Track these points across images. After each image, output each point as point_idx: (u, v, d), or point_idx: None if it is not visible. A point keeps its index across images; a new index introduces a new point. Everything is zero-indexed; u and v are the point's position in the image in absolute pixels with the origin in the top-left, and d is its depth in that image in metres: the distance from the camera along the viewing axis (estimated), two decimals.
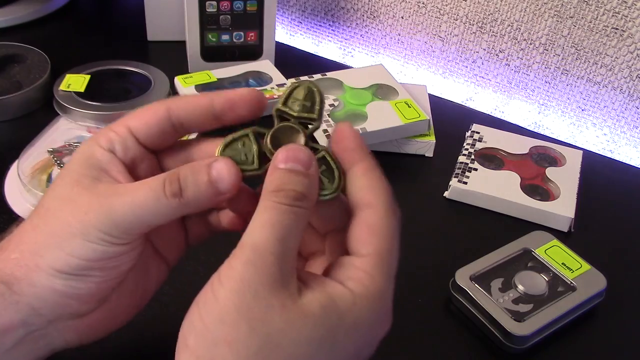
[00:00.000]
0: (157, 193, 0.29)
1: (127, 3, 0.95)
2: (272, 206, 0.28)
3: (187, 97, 0.32)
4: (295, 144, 0.31)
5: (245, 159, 0.31)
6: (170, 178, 0.29)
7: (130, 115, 0.32)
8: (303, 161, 0.29)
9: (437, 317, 0.49)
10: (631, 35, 0.66)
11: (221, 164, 0.30)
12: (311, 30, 0.91)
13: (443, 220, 0.58)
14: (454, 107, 0.76)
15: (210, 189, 0.29)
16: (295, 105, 0.32)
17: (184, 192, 0.29)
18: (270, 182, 0.29)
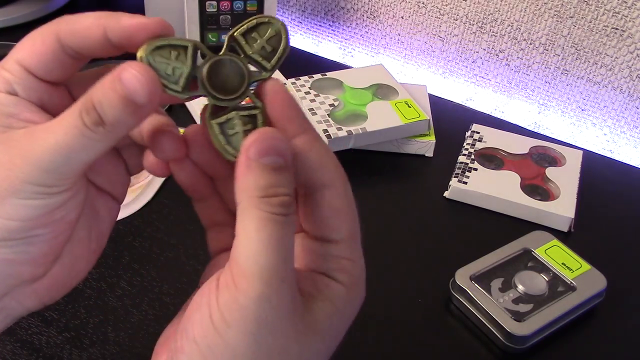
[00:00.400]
0: (79, 127, 0.25)
1: (127, 3, 0.95)
2: (268, 218, 0.24)
3: (76, 21, 0.27)
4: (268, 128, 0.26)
5: (171, 73, 0.26)
6: (85, 106, 0.25)
7: (19, 48, 0.28)
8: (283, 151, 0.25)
9: (437, 317, 0.49)
10: (631, 35, 0.66)
11: (129, 72, 0.25)
12: (311, 30, 0.91)
13: (443, 220, 0.58)
14: (454, 107, 0.76)
15: (129, 106, 0.25)
16: (254, 43, 0.28)
17: (104, 118, 0.25)
18: (254, 182, 0.25)
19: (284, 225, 0.24)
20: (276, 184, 0.25)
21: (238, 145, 0.27)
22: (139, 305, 0.47)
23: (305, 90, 0.68)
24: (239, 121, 0.27)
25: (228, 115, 0.27)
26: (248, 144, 0.25)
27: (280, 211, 0.24)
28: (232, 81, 0.27)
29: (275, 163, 0.25)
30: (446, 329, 0.48)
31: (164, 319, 0.46)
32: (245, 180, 0.25)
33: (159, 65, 0.26)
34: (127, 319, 0.46)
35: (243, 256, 0.24)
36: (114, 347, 0.44)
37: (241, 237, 0.24)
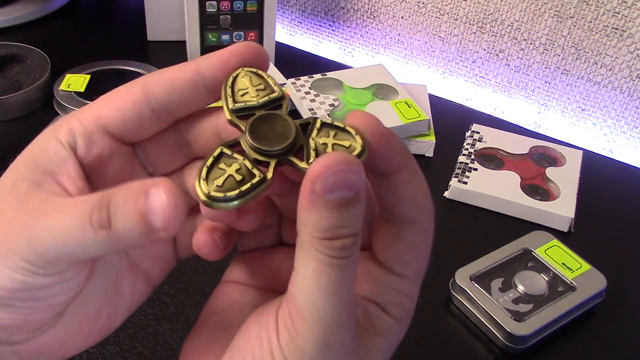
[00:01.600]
0: (83, 221, 0.22)
1: (127, 3, 0.95)
2: (328, 263, 0.22)
3: (167, 71, 0.25)
4: (339, 153, 0.22)
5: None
6: (100, 203, 0.22)
7: (100, 101, 0.25)
8: (354, 184, 0.22)
9: (437, 317, 0.49)
10: (631, 35, 0.66)
11: (158, 190, 0.22)
12: (311, 30, 0.91)
13: (443, 220, 0.58)
14: (454, 107, 0.76)
15: (142, 225, 0.22)
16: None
17: (112, 225, 0.22)
18: (317, 221, 0.22)
19: (344, 269, 0.22)
20: (341, 225, 0.22)
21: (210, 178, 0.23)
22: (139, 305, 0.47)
23: (305, 90, 0.68)
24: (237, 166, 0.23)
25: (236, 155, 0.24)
26: (314, 174, 0.21)
27: (341, 254, 0.22)
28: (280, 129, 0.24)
29: (343, 198, 0.22)
30: (446, 329, 0.48)
31: (164, 319, 0.46)
32: (307, 217, 0.22)
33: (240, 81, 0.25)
34: (127, 319, 0.46)
35: (302, 299, 0.22)
36: (114, 347, 0.44)
37: (300, 277, 0.22)
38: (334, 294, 0.22)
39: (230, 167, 0.23)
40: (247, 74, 0.25)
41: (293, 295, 0.23)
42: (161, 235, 0.22)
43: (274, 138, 0.24)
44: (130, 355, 0.44)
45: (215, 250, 0.27)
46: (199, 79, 0.25)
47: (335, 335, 0.22)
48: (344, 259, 0.22)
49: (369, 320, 0.25)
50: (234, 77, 0.25)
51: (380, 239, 0.26)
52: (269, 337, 0.23)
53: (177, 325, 0.46)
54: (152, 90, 0.25)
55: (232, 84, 0.25)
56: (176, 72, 0.25)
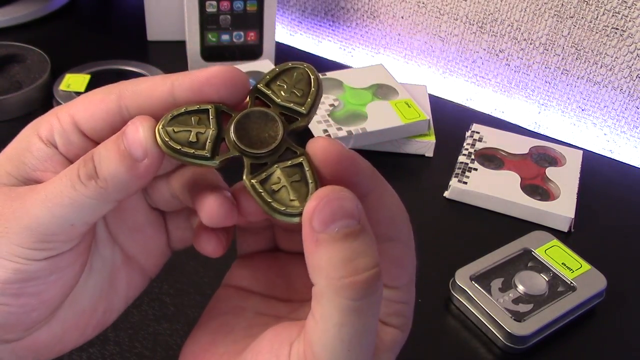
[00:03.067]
0: (72, 179, 0.22)
1: (127, 3, 0.95)
2: (352, 310, 0.20)
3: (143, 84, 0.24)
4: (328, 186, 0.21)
5: (195, 140, 0.23)
6: (84, 159, 0.23)
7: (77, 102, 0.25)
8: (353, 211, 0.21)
9: (437, 317, 0.49)
10: (631, 35, 0.66)
11: (133, 125, 0.22)
12: (311, 30, 0.91)
13: (443, 220, 0.58)
14: (454, 107, 0.76)
15: (125, 160, 0.22)
16: (281, 91, 0.24)
17: (98, 172, 0.22)
18: (328, 260, 0.20)
19: (368, 313, 0.21)
20: (354, 256, 0.20)
21: (287, 201, 0.22)
22: (139, 305, 0.47)
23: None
24: (283, 173, 0.23)
25: (269, 171, 0.23)
26: (309, 213, 0.21)
27: (365, 294, 0.20)
28: (265, 133, 0.23)
29: (348, 228, 0.20)
30: (446, 329, 0.48)
31: (164, 319, 0.46)
32: (317, 259, 0.21)
33: (178, 135, 0.23)
34: (127, 319, 0.46)
35: (320, 348, 0.21)
36: (114, 347, 0.44)
37: (320, 327, 0.21)
38: (358, 345, 0.21)
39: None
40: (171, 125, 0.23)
41: (312, 342, 0.21)
42: (145, 164, 0.22)
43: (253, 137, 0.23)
44: (130, 356, 0.44)
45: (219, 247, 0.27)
46: (171, 100, 0.24)
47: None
48: (368, 298, 0.20)
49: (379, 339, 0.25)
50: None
51: None
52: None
53: (177, 325, 0.46)
54: (126, 102, 0.24)
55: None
56: (151, 88, 0.24)
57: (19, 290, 0.23)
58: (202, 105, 0.23)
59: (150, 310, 0.47)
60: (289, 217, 0.22)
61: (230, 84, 0.24)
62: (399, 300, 0.25)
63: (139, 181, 0.23)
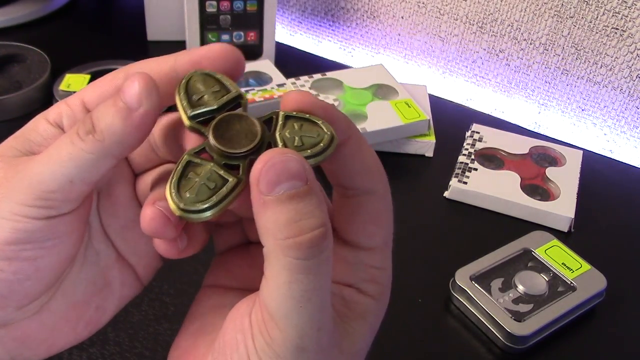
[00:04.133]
0: (72, 137, 0.23)
1: (127, 3, 0.95)
2: (299, 268, 0.21)
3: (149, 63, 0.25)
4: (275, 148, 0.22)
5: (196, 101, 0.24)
6: (84, 118, 0.24)
7: (88, 86, 0.26)
8: (300, 171, 0.21)
9: (437, 317, 0.49)
10: (631, 35, 0.66)
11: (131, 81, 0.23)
12: (311, 30, 0.91)
13: (443, 220, 0.58)
14: (454, 107, 0.76)
15: (121, 112, 0.23)
16: (289, 130, 0.23)
17: (95, 126, 0.23)
18: (274, 220, 0.21)
19: (317, 273, 0.21)
20: (299, 217, 0.21)
21: (182, 190, 0.22)
22: (139, 305, 0.47)
23: (305, 90, 0.68)
24: (207, 173, 0.23)
25: (204, 161, 0.23)
26: (256, 175, 0.21)
27: (311, 254, 0.21)
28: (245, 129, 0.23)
29: (294, 188, 0.21)
30: (446, 329, 0.48)
31: (164, 319, 0.46)
32: (264, 220, 0.21)
33: (192, 88, 0.24)
34: (127, 319, 0.46)
35: (274, 308, 0.21)
36: (114, 347, 0.44)
37: (271, 286, 0.21)
38: (308, 301, 0.21)
39: (201, 175, 0.23)
40: (200, 77, 0.24)
41: (265, 303, 0.22)
42: (140, 113, 0.23)
43: (240, 139, 0.23)
44: (130, 356, 0.44)
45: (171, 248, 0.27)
46: (174, 75, 0.25)
47: (311, 338, 0.22)
48: (315, 258, 0.21)
49: (347, 307, 0.25)
50: (187, 82, 0.24)
51: (340, 216, 0.26)
52: (245, 341, 0.23)
53: (177, 325, 0.46)
54: None
55: (186, 89, 0.24)
56: (156, 64, 0.25)
57: (14, 254, 0.23)
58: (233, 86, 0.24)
59: (150, 310, 0.47)
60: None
61: (224, 58, 0.25)
62: (374, 264, 0.25)
63: (135, 133, 0.23)
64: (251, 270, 0.29)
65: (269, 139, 0.23)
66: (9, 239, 0.23)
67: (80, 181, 0.23)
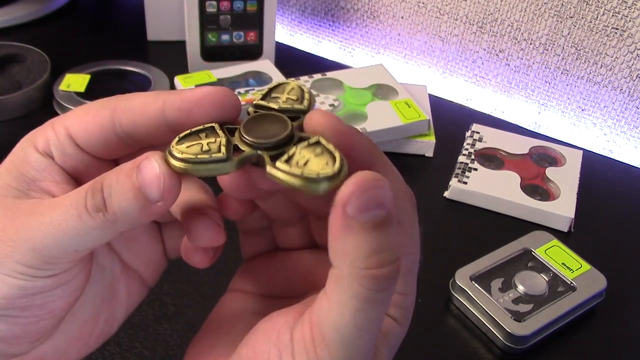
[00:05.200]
0: (79, 210, 0.22)
1: (127, 3, 0.95)
2: (370, 299, 0.20)
3: (135, 100, 0.24)
4: (366, 172, 0.21)
5: (209, 149, 0.22)
6: (92, 188, 0.22)
7: (71, 114, 0.25)
8: (386, 201, 0.20)
9: (437, 317, 0.49)
10: (631, 35, 0.66)
11: (149, 162, 0.22)
12: (311, 30, 0.91)
13: (443, 220, 0.58)
14: (454, 107, 0.76)
15: (139, 199, 0.22)
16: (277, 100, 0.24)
17: (108, 206, 0.22)
18: (356, 248, 0.20)
19: (382, 305, 0.21)
20: (381, 248, 0.20)
21: (317, 168, 0.21)
22: (139, 306, 0.47)
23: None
24: (305, 150, 0.22)
25: (289, 152, 0.22)
26: (345, 196, 0.20)
27: (384, 287, 0.20)
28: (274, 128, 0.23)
29: (379, 218, 0.20)
30: (446, 329, 0.48)
31: (164, 319, 0.46)
32: (344, 244, 0.20)
33: (190, 149, 0.22)
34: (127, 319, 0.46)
35: (331, 329, 0.21)
36: (114, 347, 0.44)
37: (334, 309, 0.21)
38: (369, 332, 0.21)
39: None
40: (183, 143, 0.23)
41: (321, 322, 0.21)
42: (159, 206, 0.22)
43: (263, 133, 0.23)
44: (130, 356, 0.44)
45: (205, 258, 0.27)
46: (163, 119, 0.24)
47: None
48: (385, 291, 0.21)
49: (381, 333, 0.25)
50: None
51: None
52: (280, 356, 0.22)
53: (177, 325, 0.46)
54: (120, 118, 0.24)
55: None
56: (144, 104, 0.24)
57: (25, 304, 0.23)
58: (206, 124, 0.23)
59: (150, 310, 0.47)
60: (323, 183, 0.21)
61: (220, 105, 0.24)
62: (398, 290, 0.25)
63: (148, 219, 0.23)
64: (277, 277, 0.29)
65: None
66: (17, 295, 0.23)
67: (84, 249, 0.23)
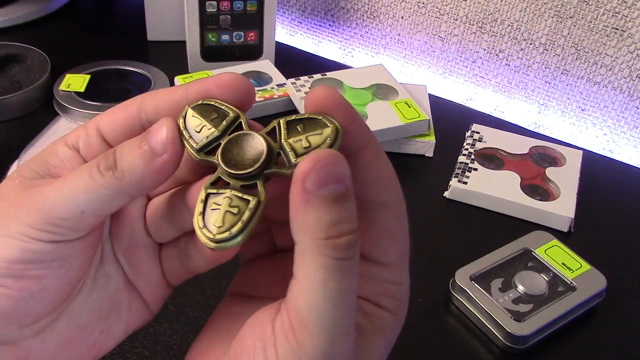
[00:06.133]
0: (91, 169, 0.24)
1: (127, 3, 0.95)
2: (335, 267, 0.21)
3: (160, 90, 0.26)
4: (325, 149, 0.22)
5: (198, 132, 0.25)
6: (107, 152, 0.24)
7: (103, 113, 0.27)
8: (344, 177, 0.21)
9: (437, 317, 0.49)
10: (631, 35, 0.66)
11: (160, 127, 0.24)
12: (311, 30, 0.91)
13: (443, 220, 0.58)
14: (454, 107, 0.76)
15: (145, 155, 0.24)
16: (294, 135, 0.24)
17: (118, 163, 0.24)
18: (316, 220, 0.21)
19: (350, 272, 0.22)
20: (340, 220, 0.21)
21: (209, 223, 0.23)
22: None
23: (305, 90, 0.68)
24: (227, 200, 0.23)
25: (222, 190, 0.23)
26: (304, 171, 0.21)
27: (347, 255, 0.21)
28: (248, 158, 0.24)
29: (337, 192, 0.21)
30: (446, 329, 0.48)
31: (164, 319, 0.46)
32: (305, 218, 0.21)
33: (191, 120, 0.25)
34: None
35: (306, 309, 0.21)
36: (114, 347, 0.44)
37: (304, 286, 0.21)
38: (342, 301, 0.21)
39: (222, 204, 0.23)
40: (195, 109, 0.25)
41: (295, 306, 0.22)
42: (163, 160, 0.24)
43: (248, 159, 0.24)
44: (130, 356, 0.44)
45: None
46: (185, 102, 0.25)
47: (340, 344, 0.22)
48: (350, 259, 0.21)
49: (368, 319, 0.25)
50: (184, 118, 0.25)
51: None
52: (264, 348, 0.22)
53: (177, 325, 0.46)
54: (145, 106, 0.26)
55: (185, 125, 0.25)
56: (169, 94, 0.26)
57: (21, 272, 0.23)
58: (230, 109, 0.25)
59: None
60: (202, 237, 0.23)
61: (235, 88, 0.25)
62: (389, 279, 0.25)
63: (155, 177, 0.24)
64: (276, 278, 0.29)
65: (277, 148, 0.24)
66: (17, 258, 0.23)
67: (91, 213, 0.24)
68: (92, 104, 0.66)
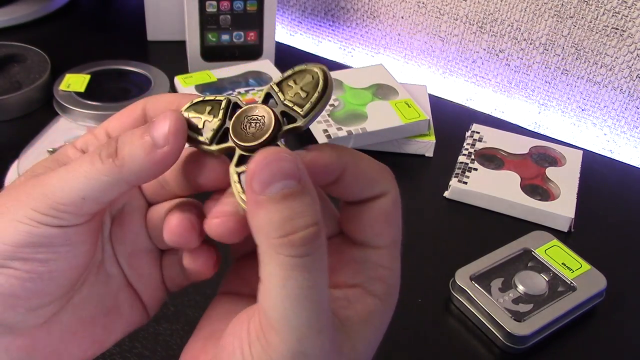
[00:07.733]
0: (92, 157, 0.24)
1: (127, 3, 0.95)
2: (293, 265, 0.21)
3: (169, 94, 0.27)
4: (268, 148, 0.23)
5: (202, 127, 0.26)
6: (109, 140, 0.25)
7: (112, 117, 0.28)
8: (293, 171, 0.21)
9: (437, 317, 0.49)
10: (631, 35, 0.66)
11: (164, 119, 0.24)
12: (311, 30, 0.91)
13: (443, 220, 0.58)
14: (454, 107, 0.76)
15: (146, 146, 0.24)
16: (289, 91, 0.25)
17: (119, 152, 0.24)
18: (267, 220, 0.21)
19: (312, 269, 0.21)
20: (293, 216, 0.21)
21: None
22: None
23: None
24: None
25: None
26: (249, 176, 0.21)
27: (305, 251, 0.21)
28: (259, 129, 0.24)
29: (287, 188, 0.21)
30: (446, 329, 0.48)
31: (164, 319, 0.46)
32: (258, 220, 0.21)
33: (191, 122, 0.26)
34: None
35: (271, 309, 0.21)
36: (114, 347, 0.44)
37: (267, 288, 0.21)
38: (305, 299, 0.21)
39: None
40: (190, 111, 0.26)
41: (263, 307, 0.22)
42: (164, 151, 0.24)
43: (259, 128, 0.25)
44: (130, 356, 0.44)
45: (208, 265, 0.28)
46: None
47: (311, 342, 0.21)
48: (310, 255, 0.21)
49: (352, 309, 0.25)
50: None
51: (349, 216, 0.26)
52: (241, 347, 0.22)
53: (177, 325, 0.46)
54: (150, 110, 0.27)
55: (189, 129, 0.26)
56: (174, 96, 0.27)
57: (29, 255, 0.24)
58: (218, 97, 0.26)
59: None
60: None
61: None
62: (382, 263, 0.25)
63: (154, 167, 0.24)
64: None
65: (281, 108, 0.25)
66: (25, 242, 0.24)
67: (92, 199, 0.24)
68: (92, 104, 0.66)
